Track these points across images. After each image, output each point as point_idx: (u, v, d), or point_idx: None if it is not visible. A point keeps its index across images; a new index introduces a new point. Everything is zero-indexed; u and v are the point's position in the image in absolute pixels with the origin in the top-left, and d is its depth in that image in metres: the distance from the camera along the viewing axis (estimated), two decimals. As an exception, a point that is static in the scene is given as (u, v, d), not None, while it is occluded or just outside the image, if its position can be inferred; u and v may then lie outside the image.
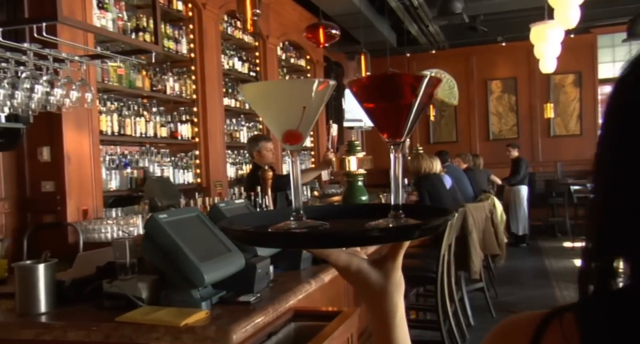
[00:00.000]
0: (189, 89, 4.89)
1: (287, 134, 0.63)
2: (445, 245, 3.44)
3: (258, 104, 0.65)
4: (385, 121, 0.63)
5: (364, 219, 0.63)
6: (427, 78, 0.60)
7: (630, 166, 0.45)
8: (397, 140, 0.63)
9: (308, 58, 7.69)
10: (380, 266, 0.62)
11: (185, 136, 4.81)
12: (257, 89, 0.70)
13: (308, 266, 2.21)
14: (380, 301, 0.62)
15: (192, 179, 4.87)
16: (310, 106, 0.62)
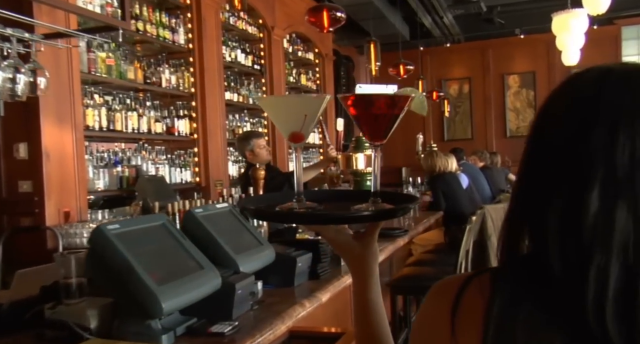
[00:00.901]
0: (187, 82, 4.58)
1: (292, 135, 0.80)
2: (463, 251, 3.10)
3: (271, 111, 0.84)
4: (368, 127, 0.80)
5: (350, 203, 0.82)
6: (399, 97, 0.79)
7: (533, 170, 0.65)
8: (377, 143, 0.80)
9: (317, 51, 7.36)
10: (361, 240, 0.82)
11: (182, 131, 4.51)
12: (271, 100, 1.02)
13: (304, 281, 1.89)
14: (359, 266, 0.82)
15: (190, 178, 4.57)
16: (310, 114, 0.79)
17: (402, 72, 5.46)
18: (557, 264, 0.59)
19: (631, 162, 0.58)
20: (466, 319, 0.62)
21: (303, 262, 1.86)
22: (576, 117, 0.61)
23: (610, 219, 0.57)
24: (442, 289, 0.66)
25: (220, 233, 1.62)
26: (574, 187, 0.59)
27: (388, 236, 2.89)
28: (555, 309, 0.59)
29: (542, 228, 0.60)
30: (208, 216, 1.64)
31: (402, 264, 3.72)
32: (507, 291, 0.61)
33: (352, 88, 8.62)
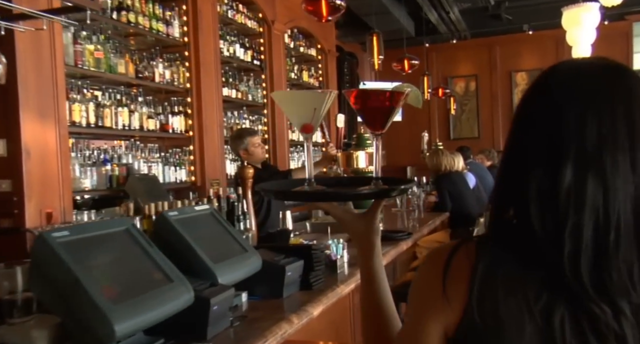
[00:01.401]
0: (182, 77, 4.40)
1: (303, 126, 0.93)
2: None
3: (284, 105, 0.96)
4: (369, 119, 0.93)
5: (356, 186, 0.95)
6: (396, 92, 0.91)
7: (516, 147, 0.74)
8: (377, 132, 0.94)
9: (319, 47, 7.17)
10: (364, 218, 0.93)
11: (177, 129, 4.33)
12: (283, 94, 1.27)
13: (294, 292, 1.70)
14: (363, 240, 0.93)
15: (185, 177, 4.39)
16: (318, 108, 0.91)
17: (406, 67, 5.26)
18: (538, 225, 0.68)
19: (598, 140, 0.67)
20: (455, 279, 0.71)
21: (293, 270, 1.67)
22: (552, 102, 0.71)
23: (582, 187, 0.66)
24: (436, 254, 0.76)
25: (198, 239, 1.43)
26: (551, 161, 0.68)
27: (391, 239, 2.70)
28: (530, 266, 0.68)
29: (525, 196, 0.69)
30: (184, 219, 1.45)
31: (406, 268, 3.52)
32: (489, 254, 0.70)
33: (355, 85, 8.42)
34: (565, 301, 0.66)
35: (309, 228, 3.07)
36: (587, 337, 0.66)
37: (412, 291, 0.77)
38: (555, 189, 0.67)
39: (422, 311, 0.74)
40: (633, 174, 0.67)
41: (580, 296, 0.66)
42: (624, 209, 0.66)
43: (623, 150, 0.67)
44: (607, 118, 0.68)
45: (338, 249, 2.06)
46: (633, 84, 0.72)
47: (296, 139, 6.42)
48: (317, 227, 3.05)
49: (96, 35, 3.51)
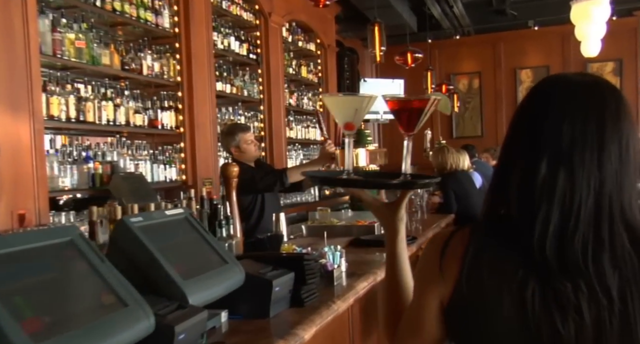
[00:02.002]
0: (173, 70, 4.16)
1: (346, 124, 1.07)
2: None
3: (330, 106, 1.12)
4: (403, 122, 1.08)
5: (387, 178, 1.12)
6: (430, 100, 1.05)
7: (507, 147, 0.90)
8: (409, 133, 1.09)
9: (318, 42, 6.92)
10: (391, 206, 1.04)
11: (167, 125, 4.09)
12: (330, 98, 1.19)
13: (283, 310, 1.46)
14: (390, 225, 1.05)
15: (175, 176, 4.15)
16: (359, 109, 1.07)
17: (409, 61, 5.02)
18: (516, 212, 0.83)
19: (571, 141, 0.81)
20: (450, 258, 0.86)
21: (282, 285, 1.43)
22: (534, 110, 0.86)
23: (554, 180, 0.80)
24: (435, 239, 0.92)
25: (166, 250, 1.19)
26: (530, 158, 0.83)
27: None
28: (511, 249, 0.82)
29: (508, 188, 0.85)
30: (150, 227, 1.22)
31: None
32: (479, 239, 0.85)
33: (356, 81, 8.17)
34: (536, 278, 0.79)
35: (305, 231, 2.83)
36: (552, 308, 0.78)
37: (417, 268, 0.93)
38: (531, 181, 0.81)
39: (423, 285, 0.90)
40: (599, 172, 0.80)
41: (547, 273, 0.79)
42: (586, 201, 0.79)
43: (591, 151, 0.80)
44: (579, 124, 0.80)
45: (335, 258, 1.83)
46: (607, 95, 0.85)
47: (294, 136, 6.19)
48: (314, 231, 2.82)
49: (77, 24, 3.28)
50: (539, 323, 0.78)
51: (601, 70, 8.74)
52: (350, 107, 1.06)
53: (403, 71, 9.44)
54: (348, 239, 2.60)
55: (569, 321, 0.77)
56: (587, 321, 0.77)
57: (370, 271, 1.92)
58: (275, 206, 3.15)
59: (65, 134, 3.48)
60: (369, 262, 2.16)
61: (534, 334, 0.78)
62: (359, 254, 2.36)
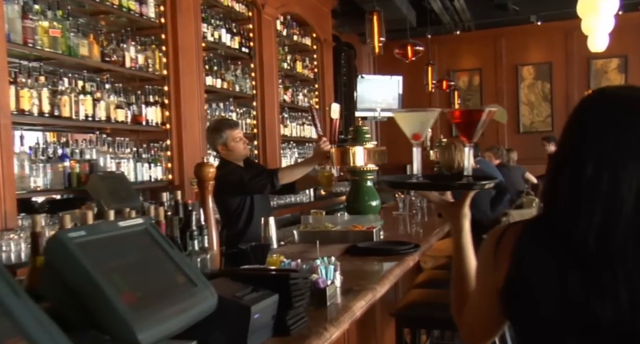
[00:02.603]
0: (158, 63, 3.91)
1: (413, 135, 1.25)
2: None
3: (400, 120, 1.28)
4: (465, 131, 1.23)
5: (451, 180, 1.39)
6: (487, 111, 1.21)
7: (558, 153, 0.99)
8: (470, 142, 1.23)
9: (314, 36, 6.68)
10: (455, 205, 1.18)
11: (152, 121, 3.84)
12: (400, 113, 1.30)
13: (264, 340, 1.22)
14: (455, 222, 1.18)
15: (161, 175, 3.91)
16: (424, 121, 1.27)
17: (410, 54, 4.77)
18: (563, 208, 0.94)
19: (616, 147, 0.91)
20: (503, 252, 0.98)
21: (263, 311, 1.19)
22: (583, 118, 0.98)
23: (597, 182, 0.90)
24: (493, 234, 1.03)
25: (114, 273, 0.95)
26: (578, 161, 0.93)
27: (393, 253, 2.22)
28: (556, 241, 0.93)
29: (558, 187, 0.96)
30: (94, 243, 0.98)
31: (409, 282, 3.05)
32: (529, 232, 0.98)
33: (353, 77, 7.94)
34: (578, 267, 0.90)
35: (297, 237, 2.59)
36: (591, 295, 0.89)
37: (477, 260, 1.10)
38: (578, 182, 0.92)
39: (481, 274, 1.06)
40: None
41: (588, 263, 0.90)
42: (627, 200, 0.89)
43: (635, 156, 0.90)
44: (624, 132, 0.92)
45: (328, 272, 1.59)
46: None
47: (288, 134, 5.94)
48: (307, 237, 2.58)
49: (52, 11, 3.03)
50: (579, 308, 0.89)
51: (605, 67, 8.52)
52: (416, 120, 1.25)
53: (402, 68, 9.21)
54: (344, 247, 2.36)
55: (606, 307, 0.87)
56: (624, 306, 0.86)
57: (368, 286, 1.68)
58: (266, 208, 2.91)
59: (38, 130, 3.24)
60: (367, 274, 1.92)
61: (574, 318, 0.90)
62: (356, 264, 2.12)
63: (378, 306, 2.38)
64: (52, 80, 3.10)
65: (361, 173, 2.82)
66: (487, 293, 1.00)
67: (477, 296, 1.07)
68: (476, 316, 1.07)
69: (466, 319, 1.10)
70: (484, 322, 1.06)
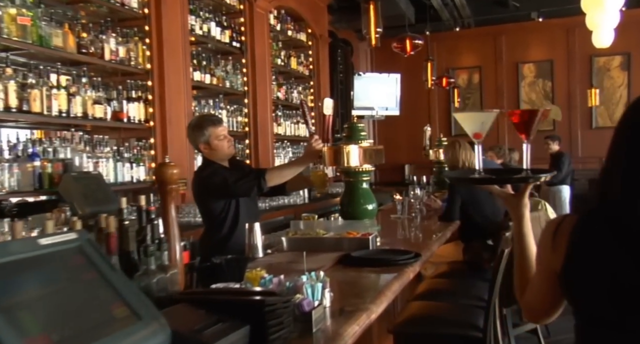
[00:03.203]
0: (142, 56, 3.68)
1: (474, 134, 1.35)
2: (497, 285, 2.19)
3: (462, 120, 1.39)
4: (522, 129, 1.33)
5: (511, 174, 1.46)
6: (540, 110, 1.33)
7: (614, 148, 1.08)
8: (527, 138, 1.33)
9: (310, 32, 6.44)
10: (516, 196, 1.30)
11: (134, 118, 3.60)
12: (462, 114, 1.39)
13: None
14: (516, 211, 1.29)
15: (144, 175, 3.67)
16: (485, 121, 1.36)
17: (408, 48, 4.54)
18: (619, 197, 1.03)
19: None
20: (560, 239, 1.09)
21: (230, 347, 0.95)
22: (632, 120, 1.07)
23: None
24: (550, 223, 1.13)
25: (20, 310, 0.71)
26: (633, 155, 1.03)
27: (391, 264, 1.99)
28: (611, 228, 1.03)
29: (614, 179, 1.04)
30: (3, 266, 0.74)
31: (409, 292, 2.82)
32: (584, 221, 1.07)
33: (349, 75, 7.71)
34: (632, 251, 0.99)
35: (286, 245, 2.36)
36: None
37: (537, 247, 1.19)
38: (634, 173, 1.01)
39: (541, 259, 1.16)
40: None
41: None
42: None
43: None
44: None
45: (316, 291, 1.35)
46: None
47: (282, 133, 5.71)
48: (296, 244, 2.35)
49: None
50: (633, 289, 0.98)
51: (608, 65, 8.30)
52: (478, 121, 1.35)
53: (399, 65, 8.98)
54: (336, 256, 2.13)
55: None
56: None
57: (362, 305, 1.45)
58: (252, 212, 2.67)
59: (10, 127, 3.00)
60: (361, 290, 1.69)
61: (629, 298, 0.99)
62: (350, 277, 1.89)
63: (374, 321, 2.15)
64: (22, 72, 2.86)
65: (356, 174, 2.58)
66: (547, 276, 1.13)
67: (537, 279, 1.18)
68: (537, 297, 1.19)
69: (528, 300, 1.22)
70: (544, 302, 1.18)
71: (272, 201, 4.97)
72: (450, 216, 3.36)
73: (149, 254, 1.07)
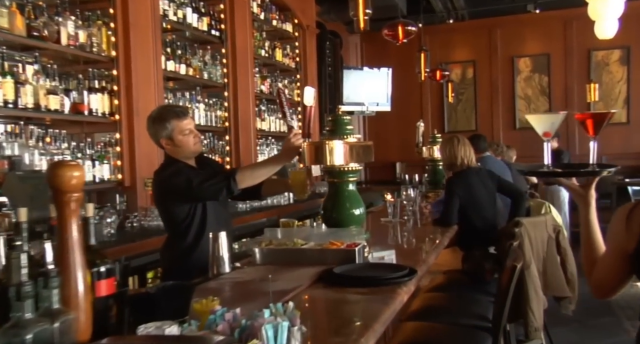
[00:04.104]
0: (105, 43, 3.31)
1: (544, 133, 1.51)
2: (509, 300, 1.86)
3: (532, 121, 1.55)
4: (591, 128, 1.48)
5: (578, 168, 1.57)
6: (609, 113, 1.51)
7: None
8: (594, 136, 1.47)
9: (296, 22, 6.09)
10: (583, 186, 1.45)
11: (96, 110, 3.24)
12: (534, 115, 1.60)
13: None
14: (583, 201, 1.44)
15: (108, 174, 3.31)
16: (555, 121, 1.54)
17: (400, 35, 4.20)
18: None
19: None
20: (634, 221, 1.23)
21: None
22: None
23: None
24: (623, 208, 1.28)
25: None
26: None
27: (381, 284, 1.65)
28: None
29: None
30: None
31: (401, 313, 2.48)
32: None
33: (339, 68, 7.36)
34: None
35: (259, 257, 2.02)
36: None
37: (608, 231, 1.33)
38: None
39: (612, 241, 1.31)
40: None
41: None
42: None
43: None
44: None
45: (279, 335, 1.01)
46: None
47: (266, 128, 5.35)
48: (270, 256, 2.01)
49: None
50: None
51: (607, 59, 8.01)
52: (548, 121, 1.54)
53: (391, 59, 8.65)
54: (316, 272, 1.79)
55: None
56: None
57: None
58: (222, 218, 2.32)
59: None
60: (343, 322, 1.35)
61: None
62: (330, 301, 1.55)
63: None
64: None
65: (341, 174, 2.24)
66: (617, 256, 1.29)
67: (608, 258, 1.33)
68: (608, 275, 1.33)
69: (597, 277, 1.36)
70: (614, 279, 1.33)
71: (255, 202, 4.62)
72: (448, 220, 3.03)
73: (23, 296, 0.73)
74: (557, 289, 2.85)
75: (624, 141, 7.70)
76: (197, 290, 1.42)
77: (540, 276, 2.79)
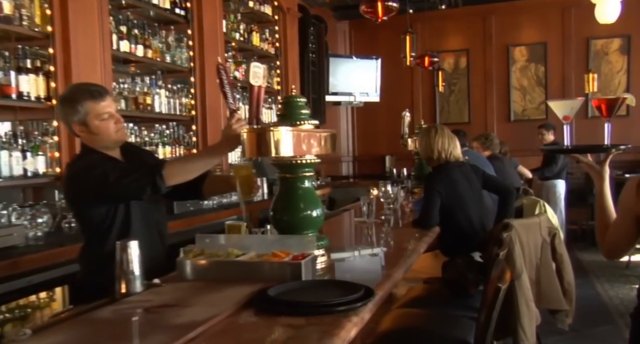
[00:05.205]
0: (39, 16, 2.89)
1: (564, 117, 1.85)
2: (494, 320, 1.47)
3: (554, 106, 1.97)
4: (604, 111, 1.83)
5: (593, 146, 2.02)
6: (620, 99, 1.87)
7: None
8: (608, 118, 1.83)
9: (276, 4, 5.67)
10: (599, 164, 1.73)
11: (28, 94, 2.83)
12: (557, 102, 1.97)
13: None
14: (599, 176, 1.73)
15: (44, 167, 2.90)
16: (574, 106, 1.92)
17: (380, 11, 3.79)
18: None
19: None
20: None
21: None
22: None
23: None
24: (633, 180, 1.52)
25: None
26: None
27: (324, 312, 1.25)
28: None
29: None
30: None
31: (369, 327, 2.09)
32: None
33: (323, 56, 6.95)
34: None
35: (189, 272, 1.62)
36: None
37: (620, 198, 1.59)
38: None
39: (624, 207, 1.57)
40: None
41: None
42: None
43: None
44: None
45: None
46: None
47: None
48: (198, 270, 1.61)
49: None
50: None
51: (606, 48, 7.62)
52: (568, 106, 1.84)
53: (380, 47, 8.25)
54: (248, 293, 1.39)
55: None
56: None
57: None
58: (152, 220, 1.92)
59: None
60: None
61: None
62: (254, 339, 1.15)
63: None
64: None
65: (293, 168, 1.84)
66: (629, 219, 1.58)
67: (620, 222, 1.62)
68: (620, 236, 1.63)
69: (609, 239, 1.66)
70: (624, 239, 1.62)
71: (223, 197, 4.22)
72: (427, 220, 2.63)
73: None
74: (552, 301, 2.46)
75: (623, 133, 7.30)
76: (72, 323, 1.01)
77: (532, 287, 2.40)
